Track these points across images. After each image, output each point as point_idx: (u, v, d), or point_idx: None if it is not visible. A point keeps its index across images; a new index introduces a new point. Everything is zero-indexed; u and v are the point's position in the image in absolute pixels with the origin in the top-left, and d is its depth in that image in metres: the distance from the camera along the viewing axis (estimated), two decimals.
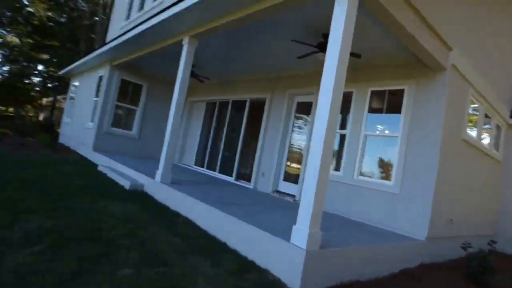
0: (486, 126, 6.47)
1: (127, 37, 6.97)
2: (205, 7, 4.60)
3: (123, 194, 5.21)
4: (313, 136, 3.04)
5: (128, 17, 10.20)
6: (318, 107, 3.08)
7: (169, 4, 5.27)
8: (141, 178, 5.87)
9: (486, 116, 6.23)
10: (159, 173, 5.39)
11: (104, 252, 2.88)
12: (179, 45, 5.89)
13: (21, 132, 14.17)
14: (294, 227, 2.96)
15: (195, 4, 4.49)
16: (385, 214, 4.94)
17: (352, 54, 4.97)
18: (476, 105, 5.80)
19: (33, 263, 2.48)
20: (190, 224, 4.15)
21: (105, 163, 7.51)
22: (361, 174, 5.48)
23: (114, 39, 7.80)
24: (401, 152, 4.97)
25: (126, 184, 5.62)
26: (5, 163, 6.52)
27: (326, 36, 5.01)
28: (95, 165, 7.50)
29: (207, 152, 9.59)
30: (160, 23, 5.60)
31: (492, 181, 6.79)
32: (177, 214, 4.49)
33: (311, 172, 2.96)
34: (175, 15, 5.05)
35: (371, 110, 5.63)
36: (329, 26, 3.22)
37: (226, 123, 9.06)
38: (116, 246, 3.06)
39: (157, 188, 5.30)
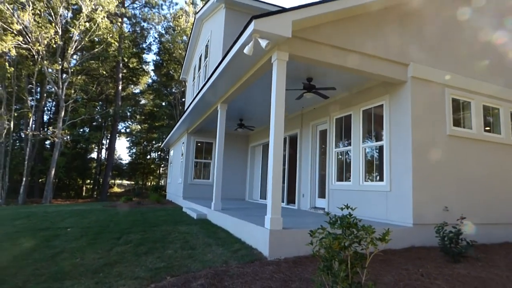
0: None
1: (188, 111, 9.81)
2: (224, 78, 6.56)
3: (191, 221, 7.42)
4: (269, 161, 4.66)
5: (193, 94, 13.54)
6: (270, 142, 4.70)
7: (205, 81, 7.67)
8: (205, 210, 8.08)
9: (486, 108, 6.50)
10: (213, 204, 7.49)
11: (162, 246, 4.96)
12: (217, 110, 8.23)
13: (141, 195, 18.74)
14: (265, 216, 4.52)
15: (217, 77, 6.57)
16: (382, 210, 5.83)
17: (327, 88, 6.52)
18: (468, 101, 6.28)
19: (125, 250, 4.70)
20: (225, 232, 5.98)
21: (187, 206, 10.09)
22: (365, 180, 6.49)
23: (183, 113, 10.84)
24: (387, 156, 5.93)
25: (194, 215, 7.87)
26: (124, 214, 9.64)
27: (309, 79, 6.66)
28: (181, 208, 10.14)
29: (266, 186, 11.41)
30: (202, 97, 8.10)
31: None
32: (219, 227, 6.41)
33: (269, 183, 4.55)
34: (208, 88, 7.37)
35: (365, 125, 6.73)
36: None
37: None
38: (171, 243, 5.13)
39: (212, 214, 7.36)
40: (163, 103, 33.72)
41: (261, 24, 4.35)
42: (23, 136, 23.73)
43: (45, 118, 30.21)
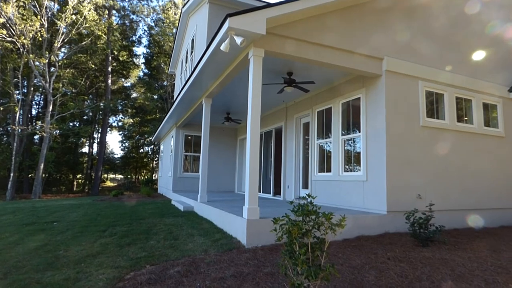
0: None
1: (174, 105, 9.91)
2: (206, 74, 6.68)
3: (178, 213, 7.60)
4: (246, 154, 4.84)
5: (180, 88, 13.59)
6: (247, 136, 4.86)
7: (188, 77, 7.80)
8: (191, 202, 8.25)
9: (459, 99, 6.74)
10: (199, 196, 7.66)
11: (146, 237, 5.13)
12: (202, 105, 8.34)
13: (133, 189, 18.83)
14: (243, 207, 4.71)
15: (198, 73, 6.69)
16: (360, 199, 6.07)
17: (306, 82, 6.68)
18: (441, 93, 6.51)
19: (109, 242, 4.87)
20: (209, 223, 6.17)
21: (176, 199, 10.26)
22: (344, 170, 6.71)
23: (170, 107, 10.92)
24: (363, 147, 6.15)
25: (181, 208, 8.04)
26: (113, 207, 9.77)
27: (290, 74, 6.81)
28: (170, 201, 10.30)
29: None
30: (186, 91, 8.21)
31: (495, 156, 6.93)
32: (204, 219, 6.60)
33: (246, 175, 4.73)
34: (191, 83, 7.49)
35: (344, 118, 6.94)
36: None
37: (262, 152, 11.05)
38: (155, 234, 5.31)
39: (198, 206, 7.55)
40: (155, 96, 33.55)
41: (236, 21, 4.47)
42: (10, 130, 23.49)
43: (33, 112, 29.83)
